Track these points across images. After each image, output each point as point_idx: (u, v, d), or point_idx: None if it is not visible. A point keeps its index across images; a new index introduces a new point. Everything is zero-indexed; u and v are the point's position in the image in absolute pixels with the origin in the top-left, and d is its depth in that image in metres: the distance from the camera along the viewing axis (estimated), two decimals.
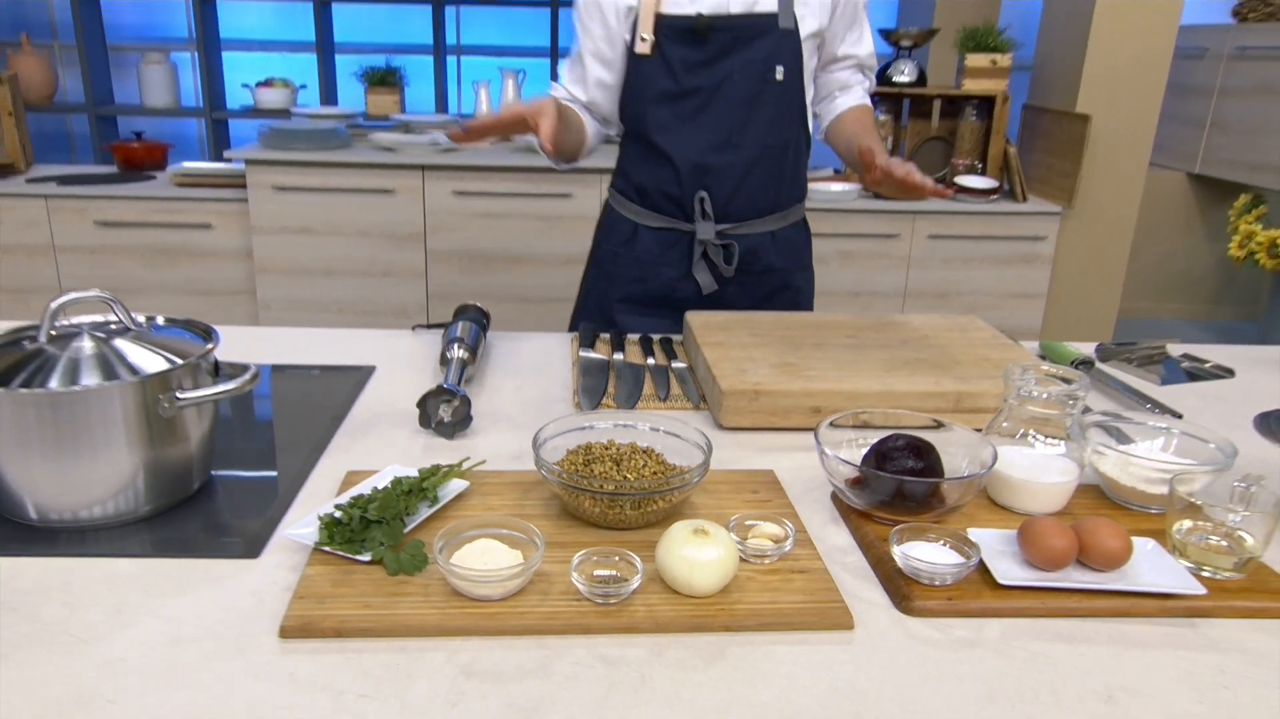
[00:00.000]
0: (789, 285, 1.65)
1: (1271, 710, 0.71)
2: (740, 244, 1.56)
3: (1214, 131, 4.00)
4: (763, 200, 1.57)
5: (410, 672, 0.72)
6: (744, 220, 1.57)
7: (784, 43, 1.49)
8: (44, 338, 0.91)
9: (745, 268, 1.58)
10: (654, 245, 1.59)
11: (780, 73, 1.49)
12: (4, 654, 0.72)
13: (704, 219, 1.54)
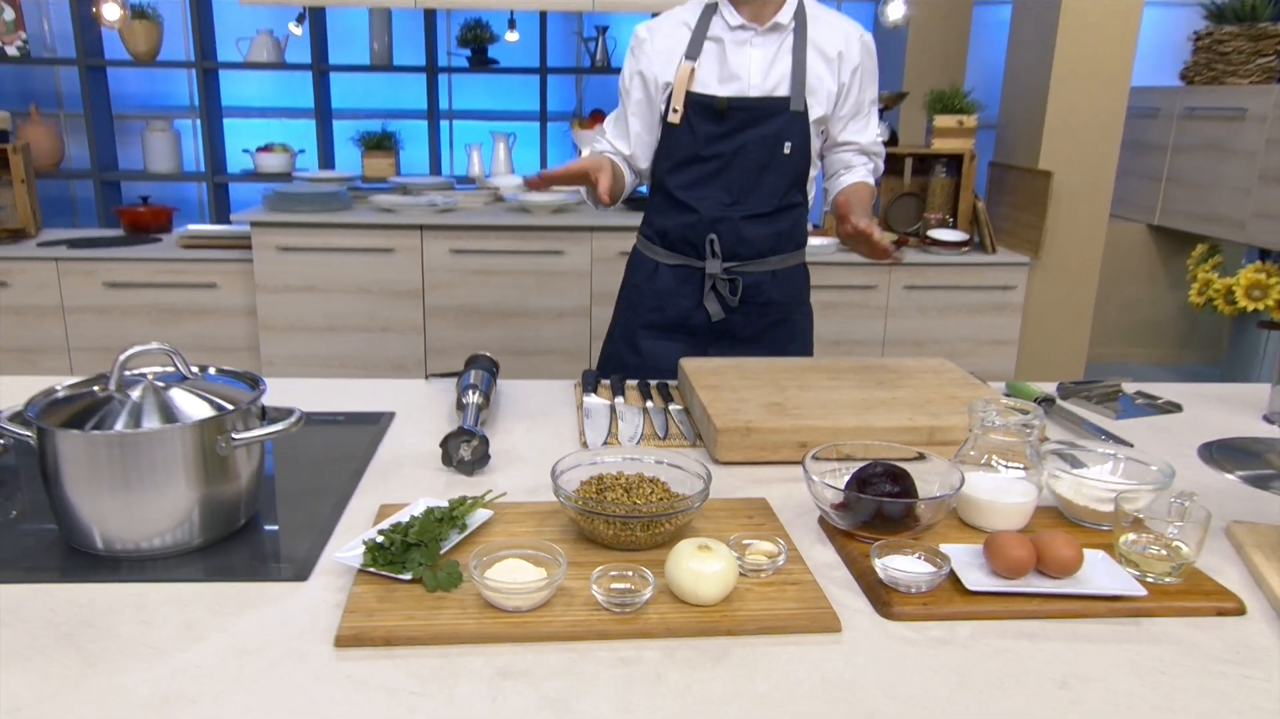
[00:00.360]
0: (787, 319, 1.84)
1: (1203, 692, 0.81)
2: (744, 279, 1.77)
3: (1170, 185, 4.21)
4: (764, 245, 1.77)
5: (454, 673, 0.82)
6: (748, 260, 1.77)
7: (794, 123, 1.70)
8: (113, 385, 1.02)
9: (748, 300, 1.79)
10: (671, 280, 1.81)
11: (788, 147, 1.71)
12: (92, 664, 0.82)
13: (713, 257, 1.76)
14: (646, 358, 1.82)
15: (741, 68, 1.70)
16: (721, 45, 1.72)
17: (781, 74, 1.71)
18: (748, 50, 1.71)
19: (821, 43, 1.71)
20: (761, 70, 1.71)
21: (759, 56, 1.71)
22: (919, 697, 0.80)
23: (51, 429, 0.97)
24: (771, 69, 1.71)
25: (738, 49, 1.71)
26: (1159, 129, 4.25)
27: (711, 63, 1.72)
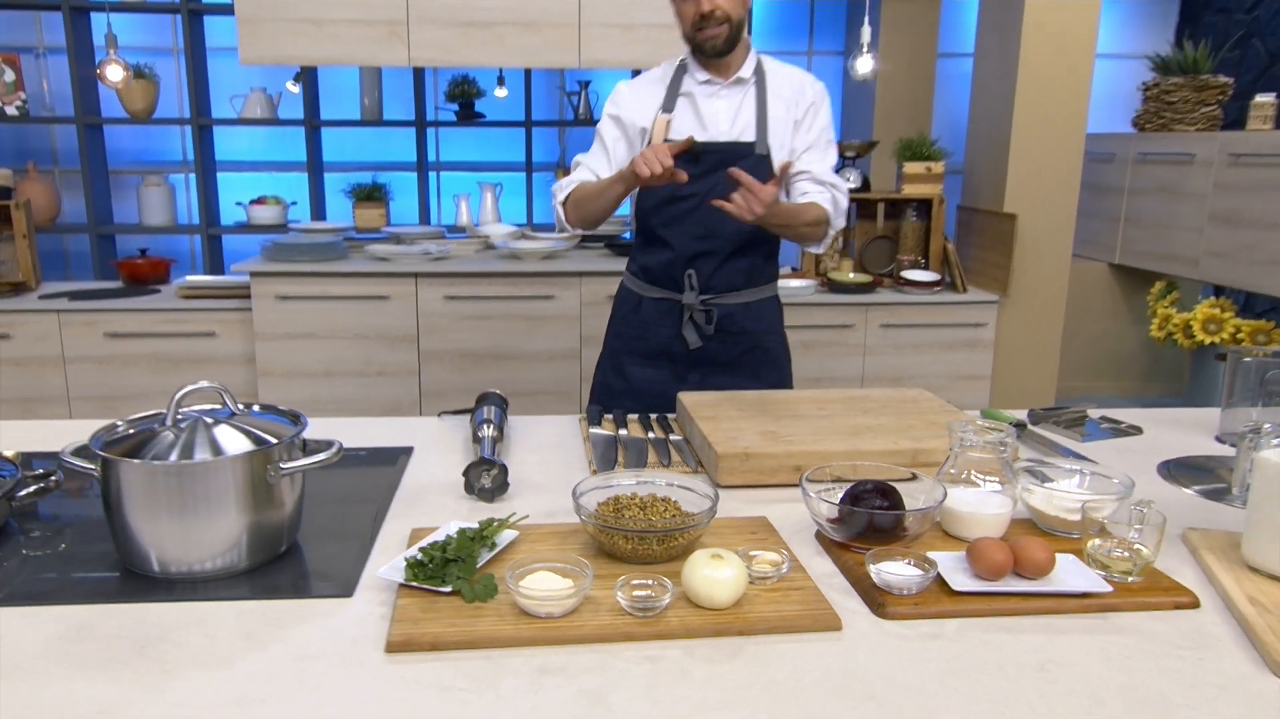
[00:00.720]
0: (760, 345, 1.99)
1: (1163, 673, 0.92)
2: (719, 310, 1.92)
3: (1128, 226, 4.42)
4: (737, 278, 1.92)
5: (497, 672, 0.90)
6: (723, 292, 1.92)
7: (759, 164, 1.85)
8: (170, 421, 1.11)
9: (723, 329, 1.94)
10: (653, 312, 1.96)
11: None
12: (168, 671, 0.90)
13: (690, 290, 1.90)
14: (632, 382, 1.98)
15: (711, 117, 1.88)
16: (693, 98, 1.90)
17: (746, 121, 1.88)
18: (715, 102, 1.89)
19: (779, 92, 1.89)
20: (729, 119, 1.88)
21: (725, 107, 1.89)
22: (914, 683, 0.90)
23: (115, 460, 1.06)
24: (737, 117, 1.88)
25: (707, 101, 1.89)
26: (1115, 173, 4.47)
27: (685, 114, 1.90)
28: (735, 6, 1.80)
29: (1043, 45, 3.41)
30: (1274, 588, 1.05)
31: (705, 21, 1.79)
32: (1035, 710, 0.85)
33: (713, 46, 1.82)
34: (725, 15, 1.79)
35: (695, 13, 1.79)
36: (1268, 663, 0.93)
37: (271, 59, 3.08)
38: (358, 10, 3.04)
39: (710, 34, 1.80)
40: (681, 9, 1.83)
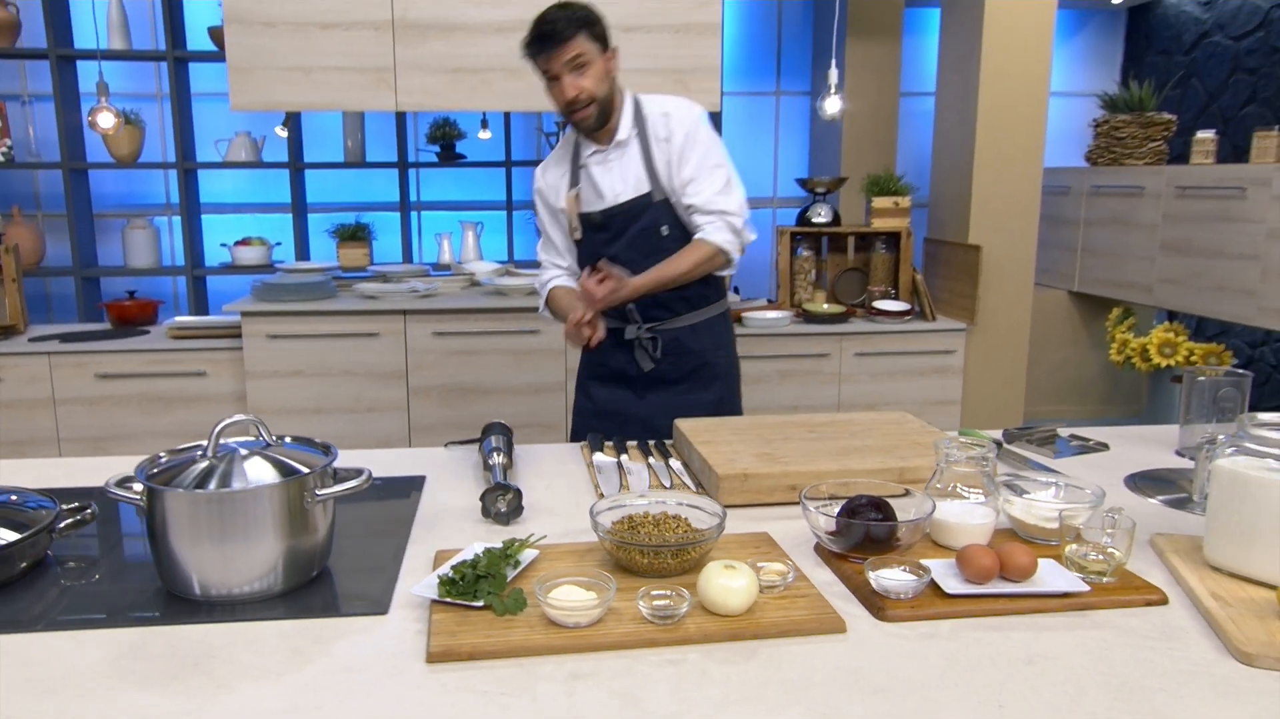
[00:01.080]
0: (709, 362, 2.14)
1: (1137, 662, 1.01)
2: (664, 336, 2.08)
3: (1085, 255, 4.61)
4: (676, 307, 2.08)
5: (532, 678, 0.98)
6: (666, 320, 2.06)
7: (661, 210, 2.01)
8: (209, 452, 1.17)
9: (672, 351, 2.09)
10: (610, 341, 2.06)
11: (664, 230, 2.02)
12: (223, 685, 0.96)
13: (632, 323, 2.06)
14: (597, 403, 2.15)
15: (607, 185, 2.02)
16: (588, 170, 2.04)
17: (638, 176, 2.01)
18: (606, 167, 2.03)
19: (657, 135, 2.00)
20: (623, 179, 2.02)
21: (617, 169, 2.02)
22: (915, 678, 0.98)
23: (160, 489, 1.12)
24: (629, 176, 2.01)
25: (600, 169, 2.03)
26: (1071, 205, 4.66)
27: (588, 185, 2.04)
28: (597, 85, 1.91)
29: (1000, 85, 3.59)
30: (1234, 584, 1.16)
31: (573, 105, 1.91)
32: (1026, 700, 0.94)
33: (586, 126, 1.96)
34: (590, 96, 1.91)
35: (563, 99, 1.91)
36: (1230, 650, 1.02)
37: (262, 105, 3.16)
38: (346, 58, 3.14)
39: (580, 115, 1.93)
40: (552, 95, 1.95)
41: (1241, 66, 4.41)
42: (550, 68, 1.89)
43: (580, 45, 1.86)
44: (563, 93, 1.89)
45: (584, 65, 1.88)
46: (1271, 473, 1.15)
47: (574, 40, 1.86)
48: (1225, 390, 1.64)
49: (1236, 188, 3.71)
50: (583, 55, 1.87)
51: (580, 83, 1.88)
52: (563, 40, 1.85)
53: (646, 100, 2.04)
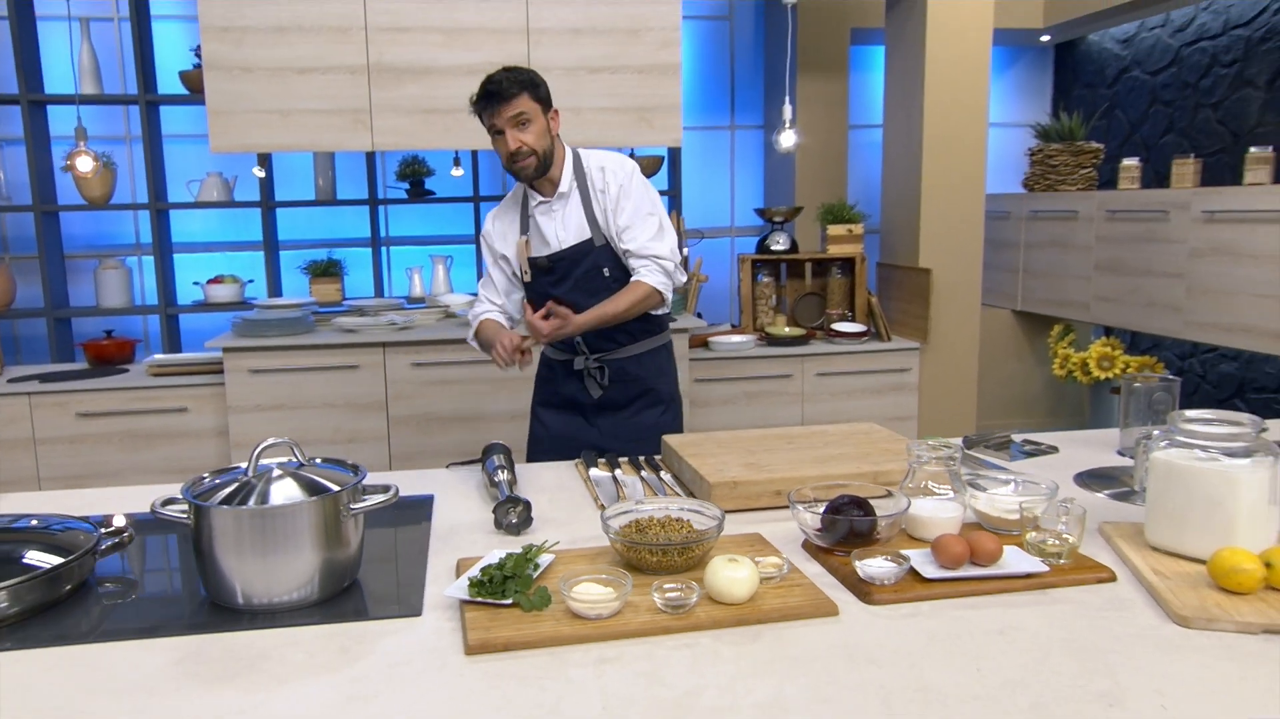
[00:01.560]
0: (652, 388, 2.32)
1: (1093, 629, 1.15)
2: (611, 365, 2.26)
3: (1026, 276, 4.86)
4: (622, 339, 2.25)
5: (563, 664, 1.09)
6: (609, 351, 2.25)
7: (602, 253, 2.20)
8: (251, 472, 1.27)
9: (618, 379, 2.27)
10: (560, 371, 2.32)
11: (606, 271, 2.21)
12: (282, 681, 1.06)
13: (579, 354, 2.26)
14: (550, 429, 2.36)
15: (551, 232, 2.21)
16: (534, 219, 2.22)
17: (580, 224, 2.21)
18: (551, 218, 2.22)
19: (595, 186, 2.20)
20: (565, 226, 2.21)
21: (560, 219, 2.22)
22: (902, 650, 1.11)
23: (207, 506, 1.22)
24: (570, 224, 2.21)
25: (545, 218, 2.22)
26: (1012, 229, 4.92)
27: (535, 232, 2.23)
28: (538, 140, 2.09)
29: (942, 117, 3.82)
30: (1171, 561, 1.31)
31: (514, 157, 2.09)
32: (999, 663, 1.08)
33: (525, 175, 2.15)
34: (530, 150, 2.09)
35: (505, 151, 2.09)
36: (1170, 616, 1.18)
37: (240, 147, 3.24)
38: (322, 101, 3.24)
39: (520, 165, 2.11)
40: (497, 147, 2.13)
41: (1159, 99, 4.72)
42: (495, 123, 2.08)
43: (523, 104, 2.05)
44: (505, 145, 2.08)
45: (526, 122, 2.07)
46: (1199, 462, 1.31)
47: (517, 99, 2.05)
48: (1158, 395, 1.82)
49: (1160, 211, 3.97)
50: (525, 113, 2.06)
51: (521, 137, 2.07)
52: (506, 99, 2.04)
53: (585, 155, 2.23)
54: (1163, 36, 4.67)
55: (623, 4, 3.41)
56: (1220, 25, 4.35)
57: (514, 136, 2.06)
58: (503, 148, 2.09)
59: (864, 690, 1.02)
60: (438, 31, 3.29)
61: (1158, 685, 1.02)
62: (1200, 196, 3.77)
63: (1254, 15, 4.17)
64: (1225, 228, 3.66)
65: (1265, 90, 4.13)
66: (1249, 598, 1.19)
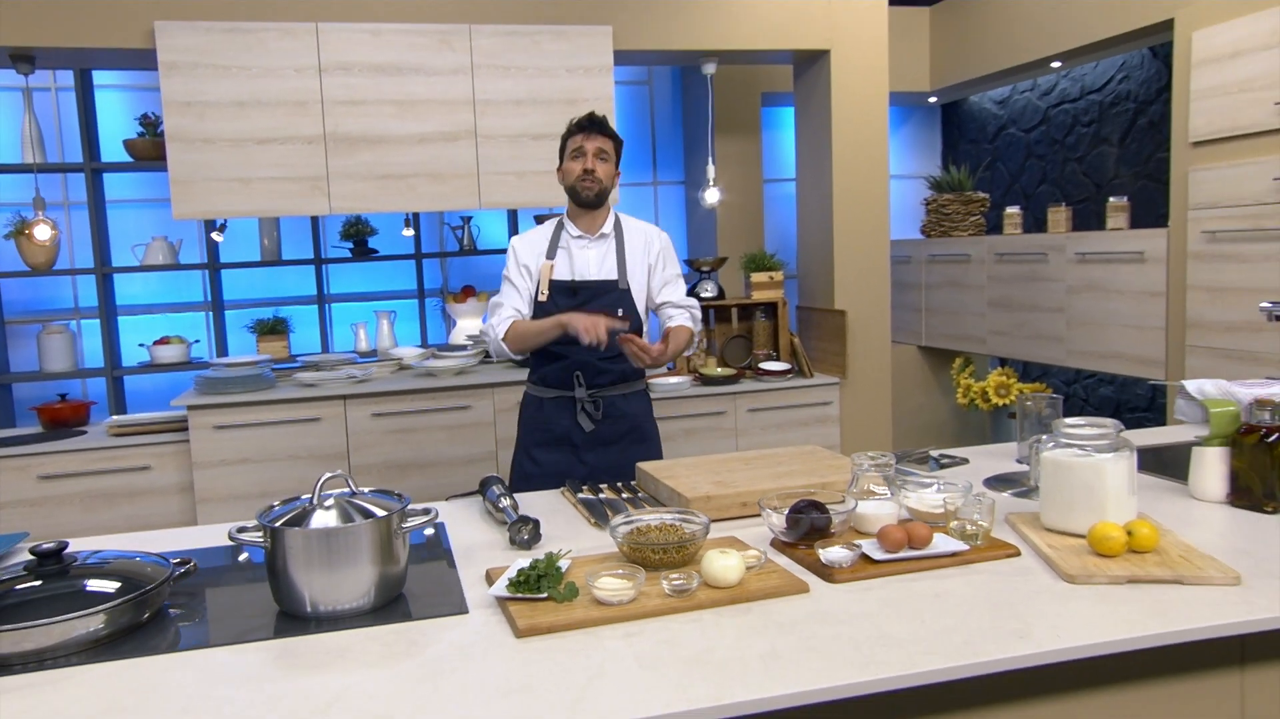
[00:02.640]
0: (638, 427, 2.61)
1: (1006, 589, 1.47)
2: (604, 401, 2.50)
3: (928, 314, 5.35)
4: (615, 376, 2.54)
5: (599, 640, 1.34)
6: (603, 388, 2.51)
7: (622, 296, 2.52)
8: (314, 500, 1.49)
9: (609, 415, 2.54)
10: (553, 409, 2.54)
11: (620, 312, 2.51)
12: (370, 665, 1.28)
13: (580, 386, 2.49)
14: (542, 466, 2.54)
15: (582, 263, 2.53)
16: (569, 249, 2.54)
17: (610, 266, 2.54)
18: (586, 251, 2.55)
19: (633, 243, 2.58)
20: (597, 264, 2.54)
21: (594, 255, 2.54)
22: (861, 613, 1.41)
23: (281, 529, 1.43)
24: (603, 263, 2.54)
25: (580, 251, 2.54)
26: (913, 271, 5.41)
27: (564, 260, 2.54)
28: (606, 177, 2.49)
29: (850, 172, 4.25)
30: (1060, 538, 1.65)
31: (586, 175, 2.45)
32: (937, 617, 1.38)
33: (585, 196, 2.48)
34: (598, 179, 2.47)
35: (581, 169, 2.46)
36: (1060, 575, 1.50)
37: (202, 214, 3.41)
38: (282, 169, 3.44)
39: (586, 184, 2.47)
40: (570, 166, 2.49)
41: (1033, 154, 5.31)
42: (584, 145, 2.46)
43: (607, 144, 2.50)
44: (584, 163, 2.45)
45: (605, 158, 2.49)
46: (1077, 457, 1.66)
47: (608, 139, 2.50)
48: (1047, 411, 2.19)
49: (1040, 253, 4.49)
50: (607, 152, 2.50)
51: (598, 164, 2.46)
52: (601, 131, 2.49)
53: (623, 217, 2.62)
54: (1032, 99, 5.27)
55: (560, 77, 3.74)
56: (1078, 90, 4.96)
57: (593, 161, 2.46)
58: (579, 166, 2.46)
59: (838, 641, 1.31)
60: (390, 103, 3.55)
61: (1053, 624, 1.34)
62: (1073, 240, 4.30)
63: (1104, 82, 4.79)
64: (1095, 267, 4.18)
65: (1118, 147, 4.73)
66: (1117, 559, 1.53)
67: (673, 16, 3.95)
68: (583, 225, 2.54)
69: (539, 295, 2.52)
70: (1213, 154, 3.60)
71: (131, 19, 3.36)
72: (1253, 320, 3.44)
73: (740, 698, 1.17)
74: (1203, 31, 3.60)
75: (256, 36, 3.41)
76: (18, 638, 1.30)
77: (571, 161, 2.48)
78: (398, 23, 3.58)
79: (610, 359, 2.50)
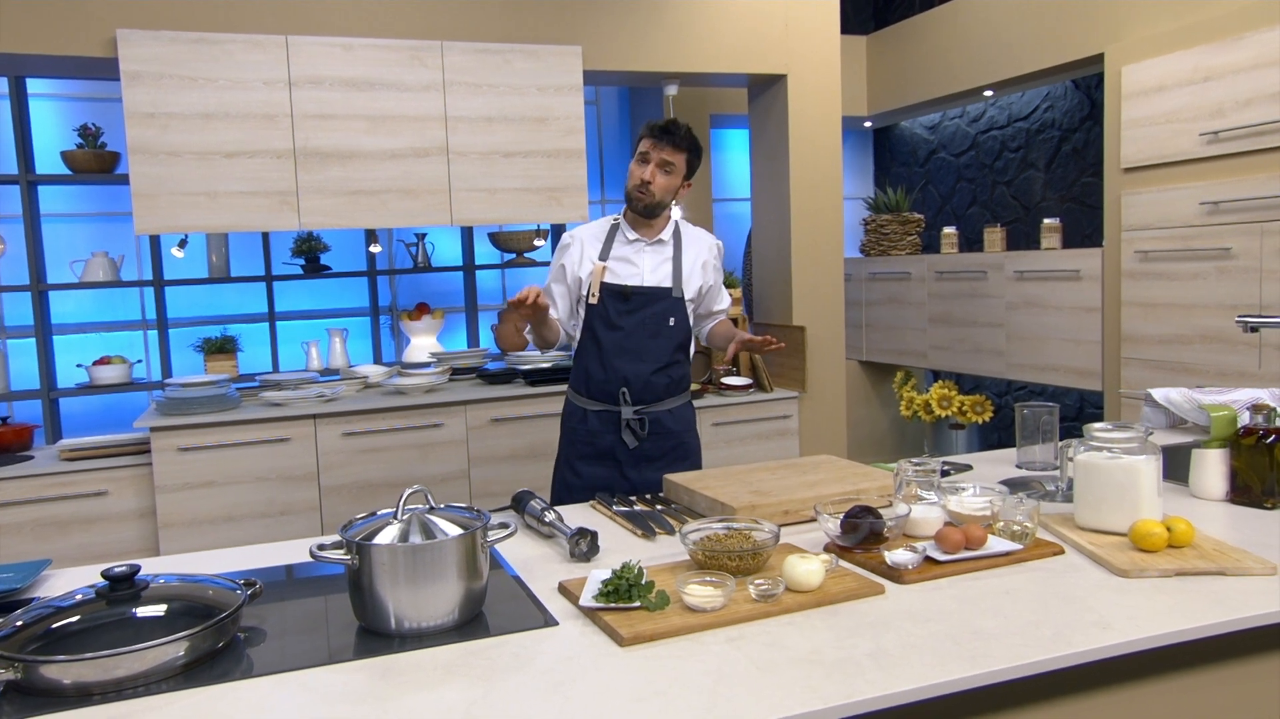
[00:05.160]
0: (682, 443, 2.59)
1: (1065, 584, 1.56)
2: (649, 417, 2.47)
3: (869, 330, 5.54)
4: (661, 391, 2.51)
5: (702, 644, 1.36)
6: (649, 403, 2.49)
7: (675, 304, 2.49)
8: (398, 516, 1.46)
9: (654, 432, 2.52)
10: (597, 422, 2.50)
11: (672, 320, 2.48)
12: (484, 679, 1.26)
13: (625, 403, 2.47)
14: (584, 479, 2.51)
15: (640, 268, 2.50)
16: (624, 253, 2.49)
17: (665, 272, 2.51)
18: (642, 256, 2.51)
19: (691, 251, 2.55)
20: (652, 270, 2.51)
21: (650, 261, 2.51)
22: (945, 610, 1.47)
23: (368, 544, 1.40)
24: (658, 269, 2.51)
25: (636, 255, 2.51)
26: (855, 289, 5.60)
27: (617, 264, 2.50)
28: (664, 190, 2.46)
29: (806, 192, 4.38)
30: (1098, 536, 1.76)
31: (642, 185, 2.45)
32: (1018, 612, 1.45)
33: (639, 204, 2.48)
34: (653, 191, 2.45)
35: (640, 177, 2.45)
36: (1113, 570, 1.60)
37: (167, 228, 3.26)
38: (251, 183, 3.33)
39: (640, 194, 2.46)
40: (632, 169, 2.49)
41: (963, 177, 5.58)
42: (650, 152, 2.43)
43: (676, 156, 2.43)
44: (642, 173, 2.43)
45: (670, 172, 2.43)
46: (1109, 460, 1.77)
47: (680, 152, 2.43)
48: (1045, 418, 2.32)
49: (980, 271, 4.73)
50: (673, 165, 2.43)
51: (657, 175, 2.43)
52: (673, 141, 2.42)
53: (684, 224, 2.60)
54: (961, 125, 5.55)
55: (530, 95, 3.75)
56: (1005, 118, 5.26)
57: (653, 172, 2.42)
58: (638, 173, 2.43)
59: (936, 638, 1.36)
60: (362, 118, 3.49)
61: (1126, 614, 1.43)
62: (1011, 259, 4.54)
63: (1030, 111, 5.09)
64: (1032, 284, 4.42)
65: (1045, 171, 5.03)
66: (1159, 553, 1.64)
67: (640, 39, 4.01)
68: (640, 230, 2.52)
69: (589, 297, 2.48)
70: (1143, 179, 3.87)
71: (91, 26, 3.20)
72: (1184, 334, 3.70)
73: (868, 694, 1.20)
74: (1131, 66, 3.88)
75: (224, 48, 3.29)
76: (109, 665, 1.23)
77: (635, 165, 2.46)
78: (370, 37, 3.52)
79: (660, 369, 2.49)
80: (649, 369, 2.48)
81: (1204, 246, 3.62)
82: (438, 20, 3.66)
